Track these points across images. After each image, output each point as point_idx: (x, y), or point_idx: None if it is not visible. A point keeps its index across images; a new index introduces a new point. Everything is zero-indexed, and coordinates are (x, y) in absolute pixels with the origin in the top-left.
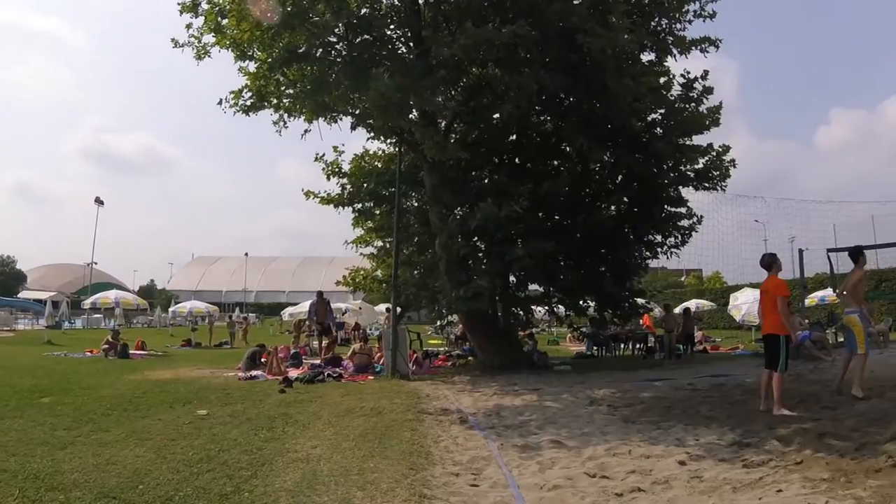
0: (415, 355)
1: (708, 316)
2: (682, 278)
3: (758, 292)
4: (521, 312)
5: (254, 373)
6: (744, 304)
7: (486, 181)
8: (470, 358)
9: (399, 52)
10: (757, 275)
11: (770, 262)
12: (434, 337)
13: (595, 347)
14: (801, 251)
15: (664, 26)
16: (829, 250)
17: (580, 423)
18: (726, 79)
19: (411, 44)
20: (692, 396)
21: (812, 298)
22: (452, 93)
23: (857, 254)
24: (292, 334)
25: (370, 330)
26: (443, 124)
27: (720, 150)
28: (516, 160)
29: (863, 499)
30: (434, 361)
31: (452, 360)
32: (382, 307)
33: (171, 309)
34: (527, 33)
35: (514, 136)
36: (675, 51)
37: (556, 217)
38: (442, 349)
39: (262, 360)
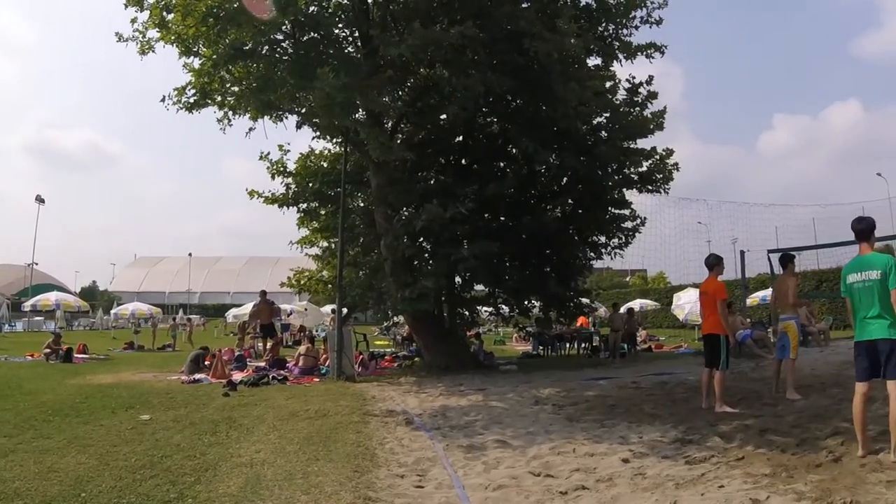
0: (360, 357)
1: (652, 315)
2: (628, 278)
3: (699, 292)
4: (466, 313)
5: (197, 376)
6: (687, 303)
7: (432, 182)
8: (416, 359)
9: (346, 51)
10: (699, 275)
11: (714, 263)
12: (381, 338)
13: (541, 347)
14: (742, 252)
15: (611, 32)
16: (769, 251)
17: (525, 423)
18: (672, 84)
19: (359, 43)
20: (636, 395)
21: (754, 298)
22: (400, 93)
23: (786, 260)
24: (237, 336)
25: (316, 332)
26: (389, 124)
27: (664, 153)
28: (463, 161)
29: (803, 493)
30: (380, 363)
31: (399, 361)
32: (328, 308)
33: (113, 311)
34: (474, 35)
35: (461, 138)
36: (621, 56)
37: (502, 218)
38: (388, 350)
39: (206, 362)
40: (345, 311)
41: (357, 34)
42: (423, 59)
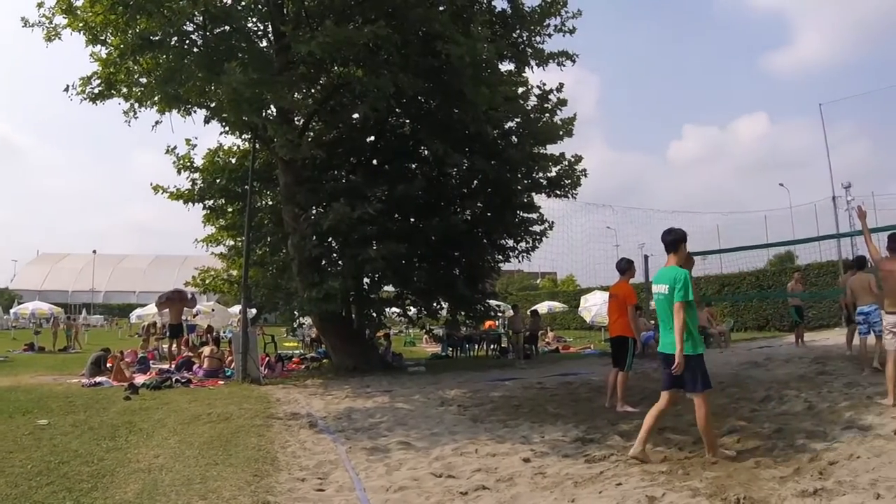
0: (267, 358)
1: (561, 317)
2: (538, 281)
3: (607, 294)
4: (374, 314)
5: (98, 379)
6: (594, 305)
7: (342, 181)
8: (325, 361)
9: (259, 46)
10: (607, 278)
11: (625, 267)
12: (289, 339)
13: (450, 348)
14: (646, 257)
15: (524, 38)
16: None
17: (430, 424)
18: (588, 91)
19: (272, 38)
20: (540, 395)
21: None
22: (312, 91)
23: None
24: (141, 338)
25: (224, 333)
26: (300, 122)
27: (572, 159)
28: (374, 161)
29: (699, 490)
30: (287, 365)
31: (306, 363)
32: (236, 309)
33: (13, 310)
34: (387, 35)
35: (373, 138)
36: (533, 62)
37: (412, 219)
38: (297, 352)
39: (108, 365)
40: (253, 311)
41: (270, 29)
42: (335, 58)
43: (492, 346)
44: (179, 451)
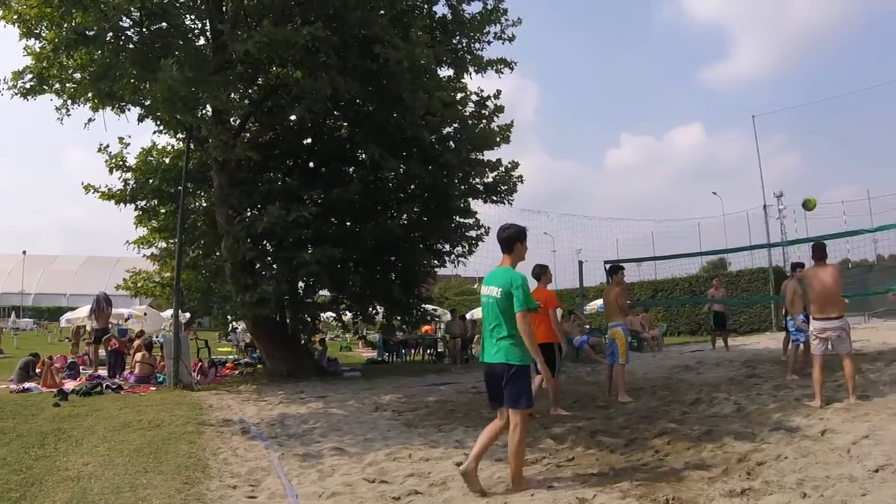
0: (200, 364)
1: None
2: (476, 286)
3: None
4: (309, 319)
5: (27, 385)
6: None
7: (278, 184)
8: (259, 366)
9: (195, 44)
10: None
11: (539, 273)
12: (224, 344)
13: (386, 353)
14: (580, 263)
15: (464, 45)
16: (606, 262)
17: (364, 430)
18: (527, 99)
19: (209, 36)
20: (475, 399)
21: (592, 306)
22: (249, 91)
23: (613, 271)
24: (71, 342)
25: (156, 337)
26: (236, 123)
27: (509, 165)
28: (310, 164)
29: (628, 491)
30: (221, 370)
31: (240, 368)
32: (169, 313)
33: None
34: (326, 37)
35: (309, 140)
36: (472, 69)
37: (348, 223)
38: (231, 357)
39: (37, 370)
40: (187, 315)
41: (208, 27)
42: (273, 58)
43: (428, 351)
44: (109, 459)
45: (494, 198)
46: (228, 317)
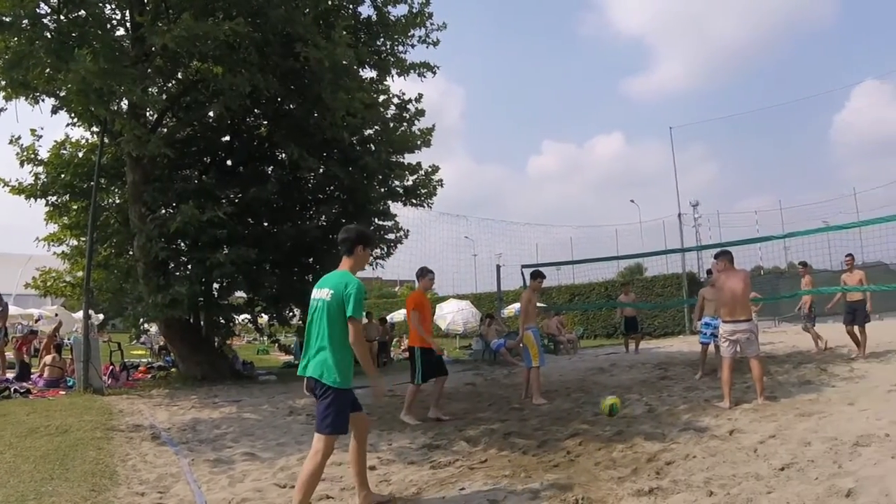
0: (111, 367)
1: None
2: (396, 288)
3: (462, 302)
4: (223, 321)
5: None
6: (449, 313)
7: (194, 182)
8: (172, 369)
9: (113, 35)
10: (465, 286)
11: (418, 275)
12: (137, 347)
13: None
14: (498, 267)
15: (388, 47)
16: (523, 266)
17: (277, 434)
18: (453, 103)
19: (129, 28)
20: (391, 402)
21: (510, 309)
22: (167, 85)
23: (535, 275)
24: None
25: (68, 340)
26: (153, 117)
27: (429, 169)
28: (228, 162)
29: (539, 491)
30: (133, 374)
31: (153, 371)
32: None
33: None
34: (247, 33)
35: (228, 138)
36: (394, 71)
37: (265, 224)
38: (144, 360)
39: None
40: (100, 317)
41: (128, 18)
42: (192, 52)
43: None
44: (15, 466)
45: (414, 201)
46: (140, 319)
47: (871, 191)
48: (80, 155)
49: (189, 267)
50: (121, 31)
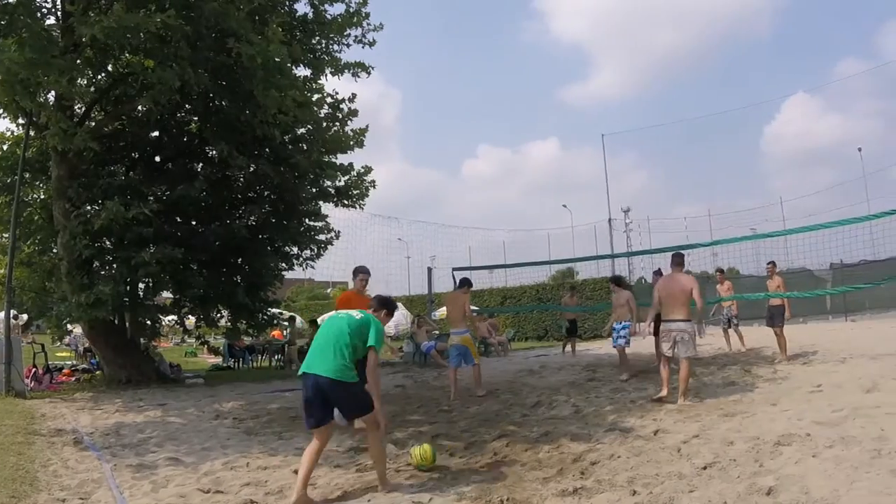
0: (33, 370)
1: None
2: (329, 290)
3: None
4: (149, 322)
5: None
6: None
7: (121, 178)
8: (97, 372)
9: (42, 24)
10: (398, 288)
11: (353, 275)
12: (63, 349)
13: (231, 359)
14: (429, 269)
15: (323, 46)
16: (454, 269)
17: (202, 438)
18: (390, 105)
19: (60, 17)
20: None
21: (442, 312)
22: (97, 78)
23: (468, 283)
24: None
25: None
26: (82, 110)
27: (362, 170)
28: (156, 158)
29: (465, 493)
30: (57, 377)
31: (78, 374)
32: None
33: None
34: (178, 26)
35: (157, 133)
36: (328, 70)
37: (193, 223)
38: (68, 363)
39: None
40: (24, 317)
41: (58, 8)
42: (123, 45)
43: (276, 357)
44: None
45: (346, 202)
46: (64, 319)
47: (798, 200)
48: (5, 148)
49: (114, 266)
50: (51, 20)
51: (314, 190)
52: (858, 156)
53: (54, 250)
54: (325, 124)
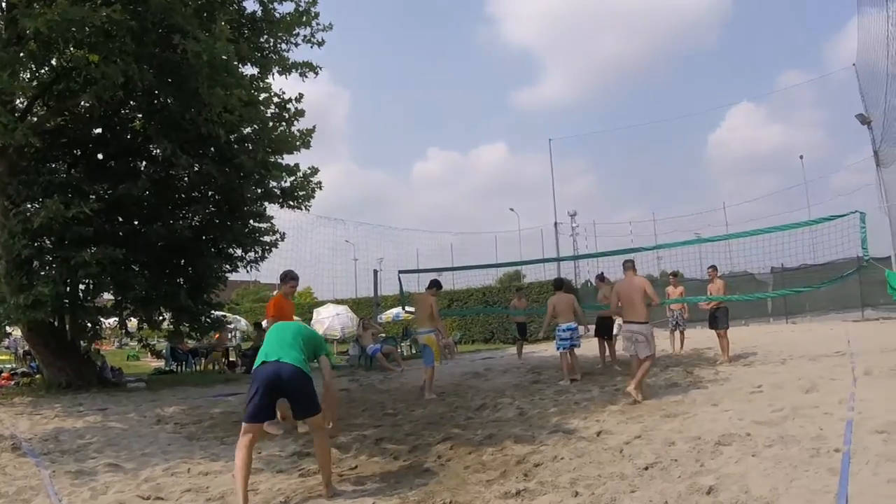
0: None
1: None
2: (275, 292)
3: (340, 307)
4: (89, 325)
5: None
6: (326, 318)
7: (62, 175)
8: (37, 376)
9: None
10: (345, 291)
11: (281, 278)
12: (2, 352)
13: (174, 362)
14: (375, 272)
15: (271, 44)
16: (400, 272)
17: (142, 444)
18: (339, 106)
19: (4, 8)
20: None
21: (388, 315)
22: (40, 72)
23: (431, 284)
24: None
25: None
26: (23, 105)
27: (308, 171)
28: (98, 156)
29: (408, 497)
30: None
31: (17, 378)
32: None
33: None
34: (124, 20)
35: (100, 130)
36: (276, 69)
37: (135, 223)
38: (7, 366)
39: None
40: None
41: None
42: (68, 38)
43: (221, 360)
44: None
45: (292, 203)
46: (2, 321)
47: (740, 205)
48: None
49: (54, 266)
50: None
51: (259, 191)
52: (800, 163)
53: None
54: (271, 124)
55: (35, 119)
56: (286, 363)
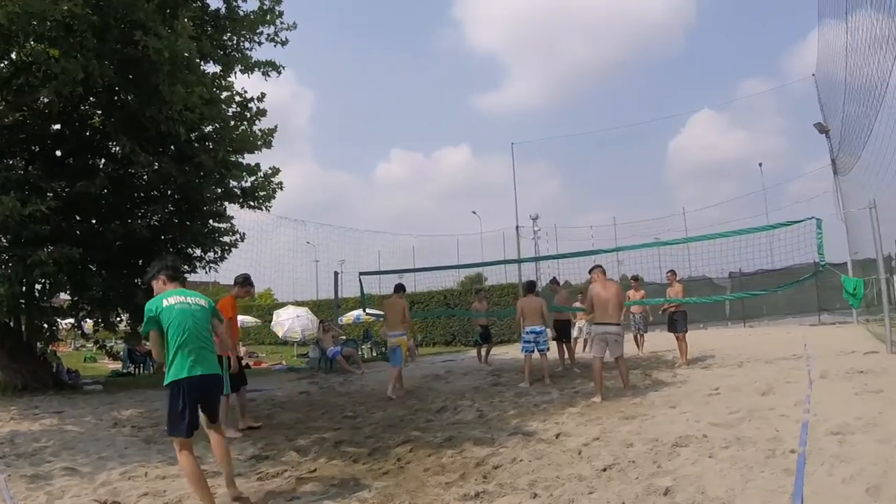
0: None
1: (254, 332)
2: (232, 293)
3: (300, 309)
4: (45, 325)
5: None
6: (286, 320)
7: (19, 171)
8: None
9: None
10: (305, 293)
11: (237, 281)
12: None
13: (132, 365)
14: (336, 273)
15: (234, 42)
16: (360, 273)
17: (99, 447)
18: (303, 106)
19: None
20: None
21: (349, 317)
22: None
23: (400, 288)
24: None
25: None
26: None
27: (269, 171)
28: (57, 153)
29: (367, 499)
30: None
31: None
32: None
33: None
34: (85, 15)
35: (59, 126)
36: (238, 68)
37: (93, 221)
38: None
39: None
40: None
41: None
42: (28, 32)
43: None
44: None
45: (252, 203)
46: None
47: (700, 211)
48: None
49: (9, 265)
50: None
51: (219, 190)
52: (759, 170)
53: None
54: (232, 123)
55: None
56: (210, 375)
